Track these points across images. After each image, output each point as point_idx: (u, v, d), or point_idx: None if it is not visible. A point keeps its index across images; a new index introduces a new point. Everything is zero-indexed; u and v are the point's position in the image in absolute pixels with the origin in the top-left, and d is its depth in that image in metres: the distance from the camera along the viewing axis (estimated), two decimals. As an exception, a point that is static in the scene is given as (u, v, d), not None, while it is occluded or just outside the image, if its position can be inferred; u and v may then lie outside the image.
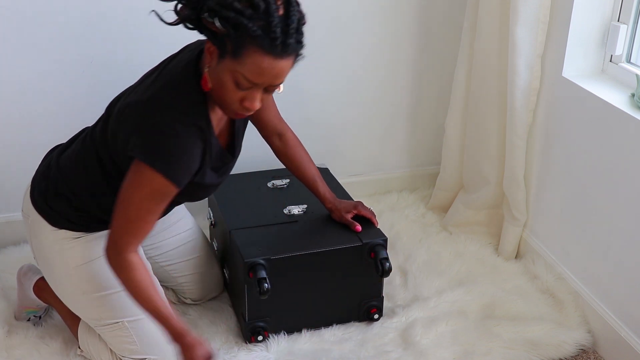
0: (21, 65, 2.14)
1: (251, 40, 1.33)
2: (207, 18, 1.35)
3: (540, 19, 1.98)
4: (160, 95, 1.47)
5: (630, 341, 1.85)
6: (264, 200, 2.11)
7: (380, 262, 1.88)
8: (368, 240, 1.90)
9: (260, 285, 1.77)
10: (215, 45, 1.38)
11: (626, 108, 1.80)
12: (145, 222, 1.50)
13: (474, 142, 2.35)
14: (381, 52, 2.46)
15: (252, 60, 1.35)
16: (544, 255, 2.22)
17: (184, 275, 2.01)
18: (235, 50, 1.35)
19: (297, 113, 2.46)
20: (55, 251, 1.68)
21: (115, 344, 1.74)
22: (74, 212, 1.64)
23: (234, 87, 1.41)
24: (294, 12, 1.36)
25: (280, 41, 1.34)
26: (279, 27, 1.33)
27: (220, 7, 1.32)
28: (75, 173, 1.64)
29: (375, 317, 2.01)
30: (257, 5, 1.31)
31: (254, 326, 1.89)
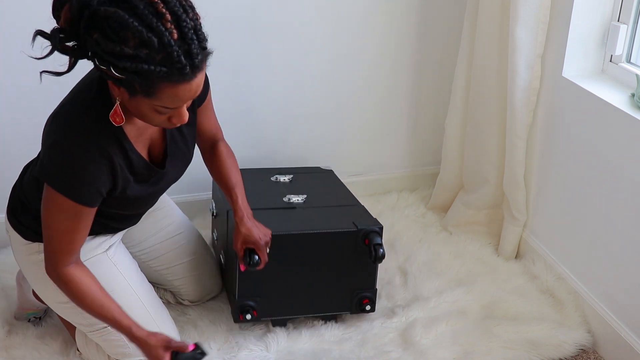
0: (20, 66, 2.13)
1: (159, 79, 1.25)
2: (100, 65, 1.27)
3: (540, 19, 1.97)
4: (63, 114, 1.44)
5: (630, 341, 1.85)
6: (266, 190, 2.11)
7: (374, 247, 1.87)
8: (363, 227, 1.89)
9: (251, 257, 1.75)
10: (122, 86, 1.30)
11: (626, 108, 1.80)
12: (70, 239, 1.49)
13: (474, 142, 2.35)
14: (381, 52, 2.46)
15: (168, 94, 1.29)
16: (544, 255, 2.22)
17: (180, 278, 2.00)
18: (146, 90, 1.28)
19: (297, 113, 2.47)
20: (33, 264, 1.68)
21: (109, 348, 1.74)
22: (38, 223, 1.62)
23: (156, 114, 1.35)
24: (187, 27, 1.25)
25: (188, 66, 1.25)
26: (181, 55, 1.24)
27: (112, 58, 1.23)
28: (32, 189, 1.63)
29: (367, 308, 1.98)
30: (149, 41, 1.21)
31: (242, 304, 1.88)
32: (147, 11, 1.22)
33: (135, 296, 1.73)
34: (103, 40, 1.23)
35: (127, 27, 1.21)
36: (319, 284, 1.94)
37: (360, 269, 1.95)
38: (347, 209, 2.06)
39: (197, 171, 1.96)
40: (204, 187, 2.41)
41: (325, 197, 2.13)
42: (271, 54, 2.33)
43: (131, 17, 1.21)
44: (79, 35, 1.26)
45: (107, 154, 1.43)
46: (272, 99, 2.41)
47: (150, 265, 1.95)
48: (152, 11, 1.23)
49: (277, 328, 1.97)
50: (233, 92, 2.33)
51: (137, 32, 1.21)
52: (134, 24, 1.21)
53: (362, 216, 1.99)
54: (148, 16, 1.22)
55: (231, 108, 2.33)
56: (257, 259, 1.75)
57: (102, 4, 1.24)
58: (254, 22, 2.25)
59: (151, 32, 1.21)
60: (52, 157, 1.42)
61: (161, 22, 1.22)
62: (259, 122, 2.43)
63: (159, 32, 1.22)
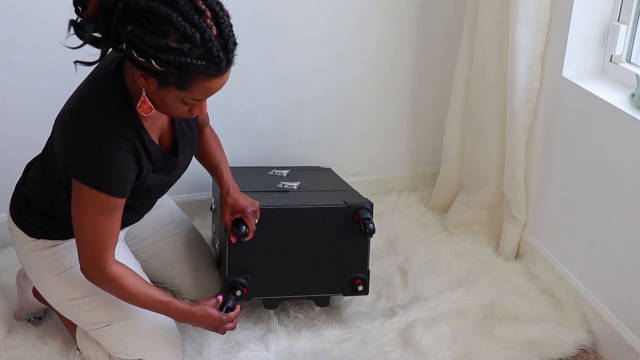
0: (20, 65, 2.13)
1: (197, 73, 1.30)
2: (139, 58, 1.29)
3: (540, 19, 1.97)
4: (81, 108, 1.44)
5: (630, 341, 1.85)
6: (262, 181, 2.13)
7: (363, 222, 1.86)
8: (353, 203, 1.89)
9: (239, 228, 1.76)
10: (154, 77, 1.33)
11: (626, 108, 1.80)
12: (108, 235, 1.50)
13: (474, 142, 2.35)
14: (381, 52, 2.46)
15: (201, 87, 1.34)
16: (544, 255, 2.22)
17: (180, 276, 2.01)
18: (181, 83, 1.32)
19: (297, 113, 2.47)
20: (36, 261, 1.69)
21: (111, 347, 1.74)
22: (47, 222, 1.65)
23: (181, 105, 1.40)
24: (225, 24, 1.31)
25: (224, 61, 1.32)
26: (220, 51, 1.30)
27: (155, 50, 1.26)
28: (37, 186, 1.65)
29: (360, 289, 1.95)
30: (193, 37, 1.26)
31: (233, 281, 1.87)
32: (188, 7, 1.26)
33: None
34: (142, 33, 1.26)
35: (171, 21, 1.25)
36: (310, 264, 1.93)
37: (351, 248, 1.93)
38: (339, 192, 2.06)
39: (198, 171, 1.97)
40: (204, 187, 2.41)
41: (319, 184, 2.15)
42: (271, 54, 2.33)
43: (174, 12, 1.25)
44: (109, 27, 1.28)
45: (131, 142, 1.45)
46: (272, 99, 2.41)
47: (150, 263, 1.96)
48: (193, 7, 1.27)
49: (277, 328, 1.97)
50: (233, 92, 2.33)
51: (181, 27, 1.25)
52: (178, 19, 1.25)
53: (353, 197, 1.99)
54: (190, 12, 1.26)
55: (231, 108, 2.33)
56: (245, 229, 1.76)
57: None
58: (254, 23, 2.25)
59: (194, 28, 1.26)
60: (79, 154, 1.42)
61: (202, 19, 1.27)
62: (258, 122, 2.43)
63: (202, 28, 1.27)
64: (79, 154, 1.42)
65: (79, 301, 1.68)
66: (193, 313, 1.66)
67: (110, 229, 1.50)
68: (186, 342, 1.91)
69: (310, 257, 1.93)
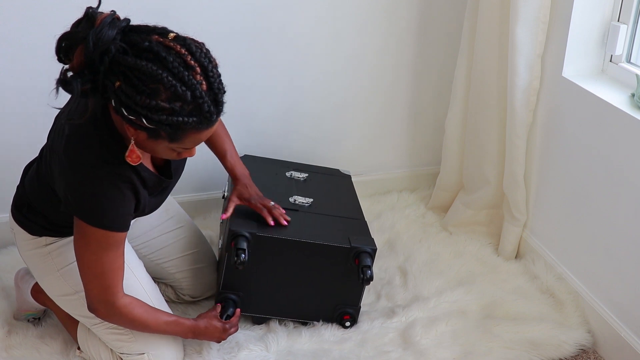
0: (20, 65, 2.13)
1: (187, 128, 1.31)
2: (129, 116, 1.28)
3: (540, 19, 1.97)
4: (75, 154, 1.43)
5: (630, 341, 1.85)
6: (276, 186, 2.11)
7: (362, 269, 1.85)
8: (356, 245, 1.88)
9: (238, 255, 1.75)
10: (143, 131, 1.33)
11: (626, 108, 1.79)
12: (114, 270, 1.51)
13: (474, 142, 2.35)
14: (381, 52, 2.46)
15: (192, 138, 1.35)
16: (544, 255, 2.22)
17: (181, 271, 2.01)
18: (172, 137, 1.33)
19: (298, 114, 2.47)
20: (39, 258, 1.70)
21: (113, 342, 1.74)
22: (46, 221, 1.66)
23: (171, 152, 1.41)
24: (214, 76, 1.30)
25: (215, 115, 1.32)
26: (211, 105, 1.30)
27: (146, 111, 1.25)
28: (33, 190, 1.66)
29: (347, 324, 1.99)
30: (184, 95, 1.26)
31: (225, 296, 1.88)
32: (177, 63, 1.25)
33: (140, 288, 1.74)
34: (132, 92, 1.25)
35: (160, 80, 1.24)
36: (303, 291, 1.94)
37: (347, 284, 1.94)
38: (348, 222, 2.03)
39: (197, 172, 1.97)
40: (204, 187, 2.41)
41: (331, 205, 2.10)
42: (272, 55, 2.33)
43: (164, 71, 1.24)
44: (96, 80, 1.27)
45: (127, 178, 1.45)
46: (273, 100, 2.41)
47: (151, 258, 1.96)
48: (182, 63, 1.26)
49: (277, 328, 1.97)
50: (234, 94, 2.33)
51: (172, 86, 1.24)
52: (168, 78, 1.24)
53: (360, 233, 1.96)
54: (179, 69, 1.25)
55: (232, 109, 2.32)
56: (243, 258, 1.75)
57: (124, 52, 1.25)
58: (256, 25, 2.25)
59: (184, 86, 1.25)
60: (78, 194, 1.43)
61: (192, 75, 1.26)
62: (260, 123, 2.43)
63: (192, 85, 1.26)
64: (78, 194, 1.43)
65: (82, 294, 1.67)
66: (198, 326, 1.73)
67: (116, 262, 1.50)
68: (186, 342, 1.91)
69: (304, 286, 1.93)
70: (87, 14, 1.28)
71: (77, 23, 1.29)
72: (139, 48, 1.26)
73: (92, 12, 1.28)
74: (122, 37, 1.27)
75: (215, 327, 1.76)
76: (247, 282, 1.88)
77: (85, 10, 1.28)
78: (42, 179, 1.62)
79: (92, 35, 1.23)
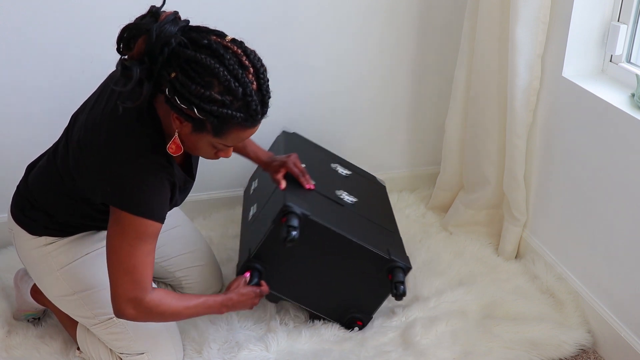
0: (20, 65, 2.13)
1: (233, 123, 1.38)
2: (180, 104, 1.34)
3: (540, 19, 1.97)
4: (119, 144, 1.46)
5: (630, 341, 1.85)
6: (321, 175, 2.09)
7: (396, 284, 1.86)
8: (395, 259, 1.89)
9: (289, 232, 1.74)
10: (190, 122, 1.39)
11: (626, 108, 1.79)
12: (146, 264, 1.50)
13: (474, 142, 2.35)
14: (381, 52, 2.46)
15: (235, 135, 1.42)
16: (544, 255, 2.22)
17: (181, 270, 2.02)
18: (217, 131, 1.39)
19: (298, 113, 2.47)
20: (39, 258, 1.70)
21: (112, 342, 1.75)
22: (49, 219, 1.66)
23: (211, 149, 1.47)
24: (264, 80, 1.39)
25: (260, 115, 1.40)
26: (258, 105, 1.38)
27: (199, 100, 1.32)
28: (41, 187, 1.66)
29: (356, 329, 1.99)
30: (236, 91, 1.33)
31: (252, 266, 1.85)
32: (233, 61, 1.34)
33: None
34: (187, 81, 1.32)
35: (217, 75, 1.32)
36: (326, 285, 1.94)
37: (369, 292, 1.95)
38: (386, 233, 2.04)
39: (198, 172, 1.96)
40: (204, 187, 2.41)
41: (371, 210, 2.10)
42: (272, 55, 2.32)
43: (221, 65, 1.32)
44: (152, 70, 1.34)
45: (166, 170, 1.49)
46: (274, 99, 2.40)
47: None
48: (237, 62, 1.35)
49: (277, 328, 1.97)
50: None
51: (226, 80, 1.32)
52: (224, 72, 1.32)
53: (398, 248, 1.98)
54: (235, 67, 1.34)
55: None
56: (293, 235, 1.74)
57: (184, 45, 1.33)
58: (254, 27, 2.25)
59: (237, 82, 1.34)
60: (121, 184, 1.44)
61: (245, 74, 1.35)
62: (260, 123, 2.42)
63: (244, 83, 1.34)
64: (119, 183, 1.44)
65: (82, 294, 1.69)
66: (230, 299, 1.71)
67: (148, 257, 1.50)
68: (186, 342, 1.91)
69: (330, 280, 1.93)
70: (151, 11, 1.36)
71: (142, 17, 1.37)
72: (198, 44, 1.34)
73: (156, 9, 1.37)
74: (182, 34, 1.35)
75: (247, 294, 1.75)
76: (278, 259, 1.85)
77: (149, 8, 1.37)
78: (55, 176, 1.62)
79: (156, 27, 1.31)
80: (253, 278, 1.81)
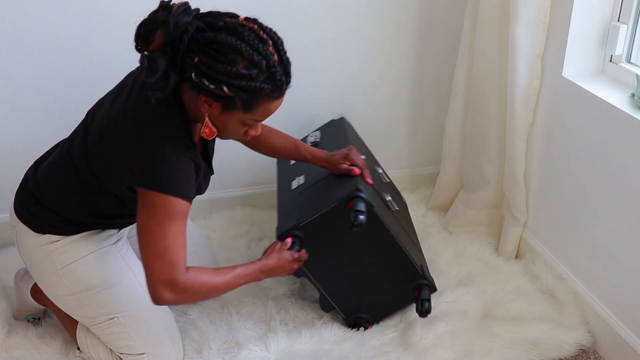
0: (20, 65, 2.14)
1: (262, 96, 1.42)
2: (209, 85, 1.39)
3: (540, 19, 1.97)
4: (147, 127, 1.48)
5: (630, 341, 1.85)
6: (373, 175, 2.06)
7: (422, 301, 1.89)
8: (426, 276, 1.93)
9: (356, 217, 1.72)
10: (219, 102, 1.43)
11: (626, 108, 1.79)
12: (178, 245, 1.49)
13: (474, 142, 2.35)
14: (381, 52, 2.46)
15: (263, 108, 1.46)
16: (544, 255, 2.22)
17: None
18: (246, 105, 1.43)
19: (298, 113, 2.47)
20: (41, 256, 1.69)
21: (113, 342, 1.75)
22: (54, 217, 1.66)
23: (240, 127, 1.51)
24: (283, 51, 1.45)
25: (285, 84, 1.45)
26: (282, 75, 1.43)
27: (227, 77, 1.37)
28: (51, 183, 1.66)
29: (361, 329, 1.99)
30: (259, 63, 1.39)
31: (295, 233, 1.82)
32: (252, 37, 1.39)
33: (141, 289, 1.74)
34: (212, 62, 1.36)
35: (239, 51, 1.37)
36: (352, 278, 1.93)
37: (389, 301, 1.98)
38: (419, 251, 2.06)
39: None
40: (204, 187, 2.41)
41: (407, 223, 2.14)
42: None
43: (241, 42, 1.37)
44: (175, 58, 1.38)
45: (194, 155, 1.52)
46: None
47: None
48: (256, 37, 1.40)
49: (277, 328, 1.98)
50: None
51: (249, 55, 1.37)
52: (246, 47, 1.37)
53: (426, 268, 2.01)
54: (255, 41, 1.39)
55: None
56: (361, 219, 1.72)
57: (202, 30, 1.38)
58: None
59: (260, 55, 1.39)
60: (151, 164, 1.45)
61: (265, 47, 1.40)
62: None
63: (266, 55, 1.40)
64: (149, 163, 1.46)
65: (83, 294, 1.69)
66: (268, 264, 1.70)
67: (179, 238, 1.49)
68: (186, 342, 1.91)
69: (357, 274, 1.92)
70: (162, 5, 1.42)
71: (155, 12, 1.42)
72: (215, 27, 1.39)
73: (167, 3, 1.42)
74: (198, 20, 1.40)
75: (287, 259, 1.73)
76: (320, 236, 1.82)
77: (159, 3, 1.42)
78: (69, 171, 1.62)
79: (172, 18, 1.37)
80: (294, 245, 1.79)
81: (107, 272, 1.70)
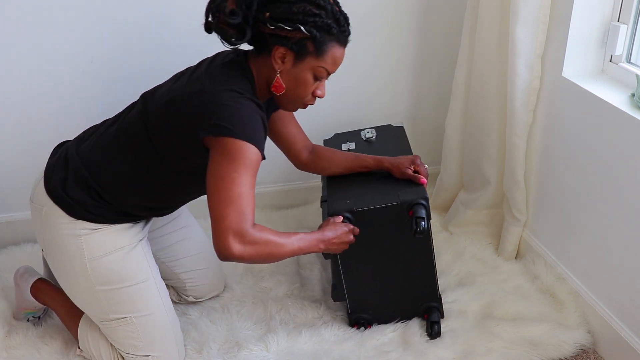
0: (21, 65, 2.14)
1: (330, 37, 1.55)
2: (285, 27, 1.50)
3: (540, 19, 1.98)
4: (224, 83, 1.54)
5: (630, 341, 1.85)
6: None
7: (431, 324, 1.93)
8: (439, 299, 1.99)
9: (418, 223, 1.74)
10: (293, 50, 1.53)
11: (626, 108, 1.80)
12: (250, 196, 1.48)
13: (474, 142, 2.35)
14: (381, 52, 2.46)
15: (331, 54, 1.57)
16: (544, 255, 2.22)
17: (186, 272, 2.01)
18: (318, 48, 1.54)
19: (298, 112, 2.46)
20: (71, 243, 1.64)
21: (119, 340, 1.74)
22: (93, 202, 1.63)
23: (313, 81, 1.60)
24: (340, 5, 1.59)
25: (347, 31, 1.58)
26: (344, 21, 1.57)
27: (303, 15, 1.50)
28: (101, 163, 1.64)
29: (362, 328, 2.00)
30: (325, 6, 1.53)
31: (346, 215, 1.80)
32: None
33: (156, 289, 1.75)
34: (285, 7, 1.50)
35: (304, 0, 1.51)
36: (374, 274, 1.93)
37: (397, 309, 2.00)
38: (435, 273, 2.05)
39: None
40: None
41: None
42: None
43: None
44: (248, 16, 1.52)
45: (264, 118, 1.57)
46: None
47: (158, 256, 1.95)
48: None
49: (277, 328, 1.98)
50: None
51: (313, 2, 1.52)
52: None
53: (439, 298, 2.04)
54: None
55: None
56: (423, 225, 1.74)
57: None
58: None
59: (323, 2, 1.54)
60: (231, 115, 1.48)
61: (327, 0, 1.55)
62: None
63: (329, 2, 1.55)
64: (230, 113, 1.48)
65: (102, 289, 1.67)
66: (326, 235, 1.69)
67: (252, 190, 1.49)
68: (186, 342, 1.91)
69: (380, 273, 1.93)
70: None
71: None
72: None
73: None
74: None
75: (344, 230, 1.72)
76: (366, 226, 1.81)
77: None
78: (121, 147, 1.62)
79: None
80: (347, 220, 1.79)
81: (131, 271, 1.69)
